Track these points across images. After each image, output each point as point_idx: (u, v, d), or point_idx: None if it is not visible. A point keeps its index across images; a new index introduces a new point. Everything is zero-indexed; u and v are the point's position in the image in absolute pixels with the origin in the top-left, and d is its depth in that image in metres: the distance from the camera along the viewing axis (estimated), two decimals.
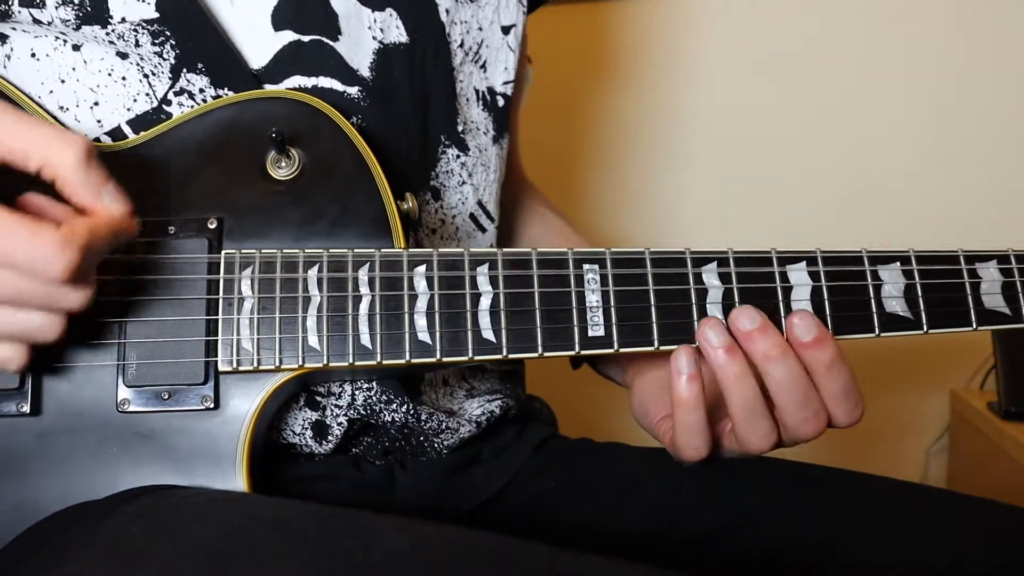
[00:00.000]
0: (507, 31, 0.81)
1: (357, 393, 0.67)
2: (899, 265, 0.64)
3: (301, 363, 0.59)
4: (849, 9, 1.62)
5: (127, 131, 0.65)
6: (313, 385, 0.66)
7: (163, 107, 0.65)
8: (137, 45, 0.65)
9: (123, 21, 0.64)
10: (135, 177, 0.62)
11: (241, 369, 0.59)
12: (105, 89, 0.65)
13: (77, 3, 0.63)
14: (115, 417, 0.58)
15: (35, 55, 0.65)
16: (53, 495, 0.57)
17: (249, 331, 0.59)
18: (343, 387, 0.67)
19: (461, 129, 0.77)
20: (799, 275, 0.63)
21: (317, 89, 0.68)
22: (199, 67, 0.65)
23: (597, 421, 1.64)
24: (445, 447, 0.72)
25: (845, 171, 1.64)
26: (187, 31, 0.65)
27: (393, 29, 0.72)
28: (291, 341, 0.59)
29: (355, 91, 0.69)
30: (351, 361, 0.59)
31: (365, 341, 0.59)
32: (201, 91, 0.66)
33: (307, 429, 0.67)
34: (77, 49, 0.65)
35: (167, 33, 0.65)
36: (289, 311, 0.59)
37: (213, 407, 0.59)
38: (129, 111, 0.65)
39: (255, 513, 0.50)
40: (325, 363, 0.59)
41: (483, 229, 0.80)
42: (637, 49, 1.66)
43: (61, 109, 0.65)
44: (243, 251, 0.60)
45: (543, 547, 0.46)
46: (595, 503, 0.75)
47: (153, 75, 0.65)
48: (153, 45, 0.65)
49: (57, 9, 0.63)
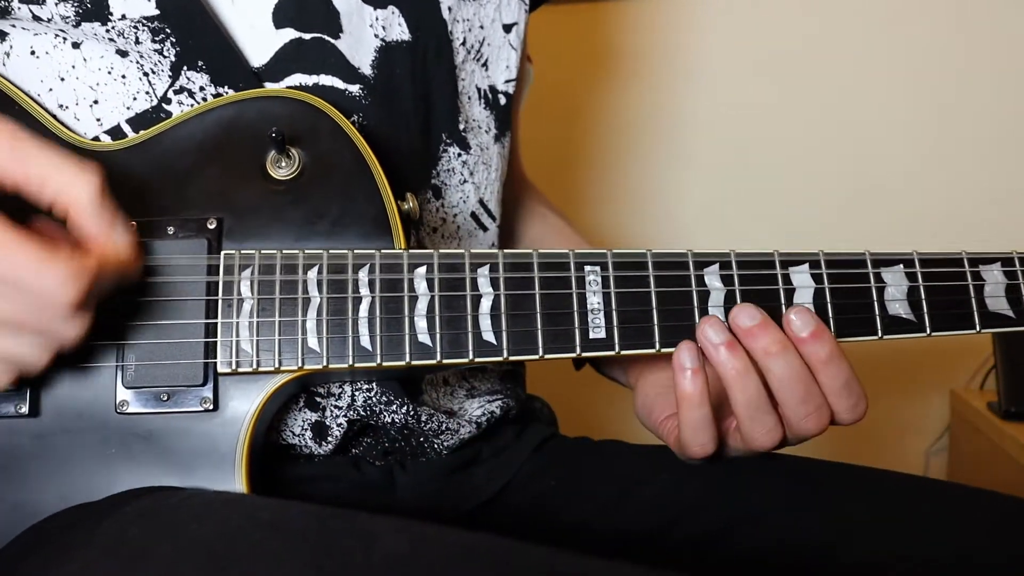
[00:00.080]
0: (509, 29, 0.81)
1: (357, 394, 0.67)
2: (902, 267, 0.64)
3: (300, 365, 0.59)
4: (849, 9, 1.62)
5: (127, 130, 0.65)
6: (313, 386, 0.66)
7: (163, 105, 0.65)
8: (137, 42, 0.64)
9: (123, 18, 0.63)
10: (134, 176, 0.62)
11: (240, 371, 0.59)
12: (105, 87, 0.65)
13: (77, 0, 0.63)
14: (114, 418, 0.58)
15: (35, 53, 0.65)
16: (52, 496, 0.57)
17: (248, 333, 0.59)
18: (343, 388, 0.67)
19: (463, 128, 0.76)
20: (802, 277, 0.63)
21: (318, 87, 0.68)
22: (199, 65, 0.65)
23: (597, 421, 1.64)
24: (445, 448, 0.72)
25: (846, 171, 1.64)
26: (187, 29, 0.65)
27: (395, 27, 0.72)
28: (290, 343, 0.59)
29: (356, 89, 0.69)
30: (351, 363, 0.59)
31: (365, 343, 0.59)
32: (201, 89, 0.65)
33: (307, 430, 0.66)
34: (77, 47, 0.65)
35: (167, 31, 0.64)
36: (289, 313, 0.59)
37: (212, 408, 0.59)
38: (129, 109, 0.65)
39: (254, 514, 0.49)
40: (325, 365, 0.59)
41: (484, 228, 0.79)
42: (638, 49, 1.66)
43: (60, 107, 0.65)
44: (242, 252, 0.60)
45: (543, 548, 0.46)
46: (595, 502, 0.74)
47: (153, 73, 0.65)
48: (153, 43, 0.64)
49: (57, 6, 0.63)
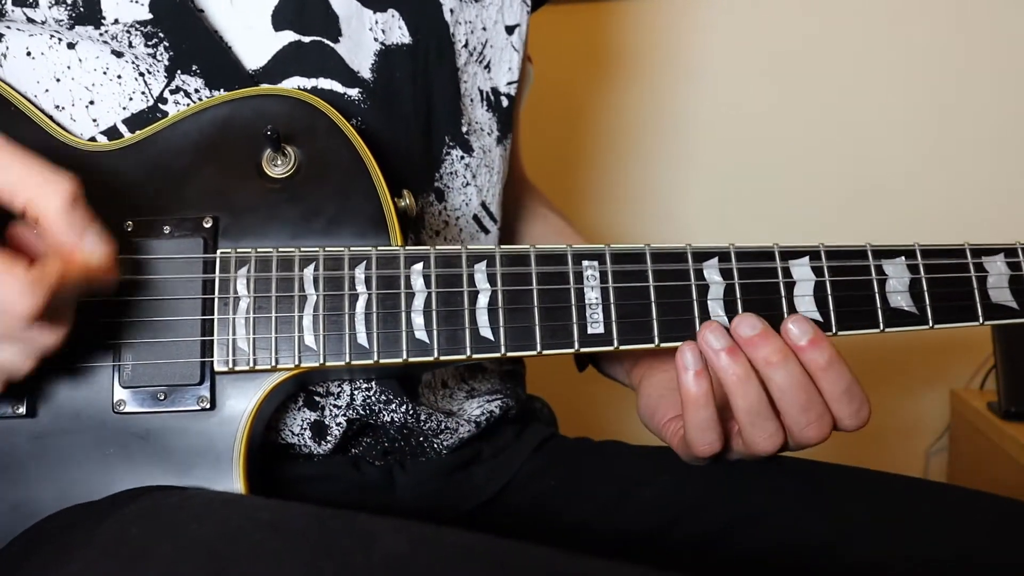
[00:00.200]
0: (511, 31, 0.81)
1: (356, 393, 0.67)
2: (904, 259, 0.64)
3: (297, 363, 0.58)
4: (849, 9, 1.62)
5: (123, 130, 0.65)
6: (311, 385, 0.66)
7: (159, 105, 0.65)
8: (130, 46, 0.64)
9: (116, 22, 0.63)
10: (130, 176, 0.62)
11: (237, 369, 0.58)
12: (101, 88, 0.65)
13: (70, 3, 0.63)
14: (111, 418, 0.58)
15: (30, 53, 0.64)
16: (51, 496, 0.57)
17: (245, 331, 0.59)
18: (342, 387, 0.67)
19: (465, 130, 0.76)
20: (802, 270, 0.63)
21: (317, 91, 0.68)
22: (193, 69, 0.65)
23: (597, 421, 1.64)
24: (444, 447, 0.72)
25: (846, 171, 1.64)
26: (180, 33, 0.64)
27: (395, 30, 0.72)
28: (287, 340, 0.59)
29: (355, 93, 0.69)
30: (348, 360, 0.58)
31: (362, 340, 0.59)
32: (196, 91, 0.65)
33: (306, 429, 0.66)
34: (72, 47, 0.64)
35: (160, 35, 0.64)
36: (285, 310, 0.59)
37: (209, 407, 0.58)
38: (125, 110, 0.65)
39: (254, 514, 0.49)
40: (322, 362, 0.58)
41: (486, 230, 0.79)
42: (639, 49, 1.66)
43: (57, 108, 0.65)
44: (239, 250, 0.60)
45: (543, 548, 0.46)
46: (595, 503, 0.74)
47: (149, 73, 0.65)
48: (146, 47, 0.64)
49: (50, 9, 0.63)
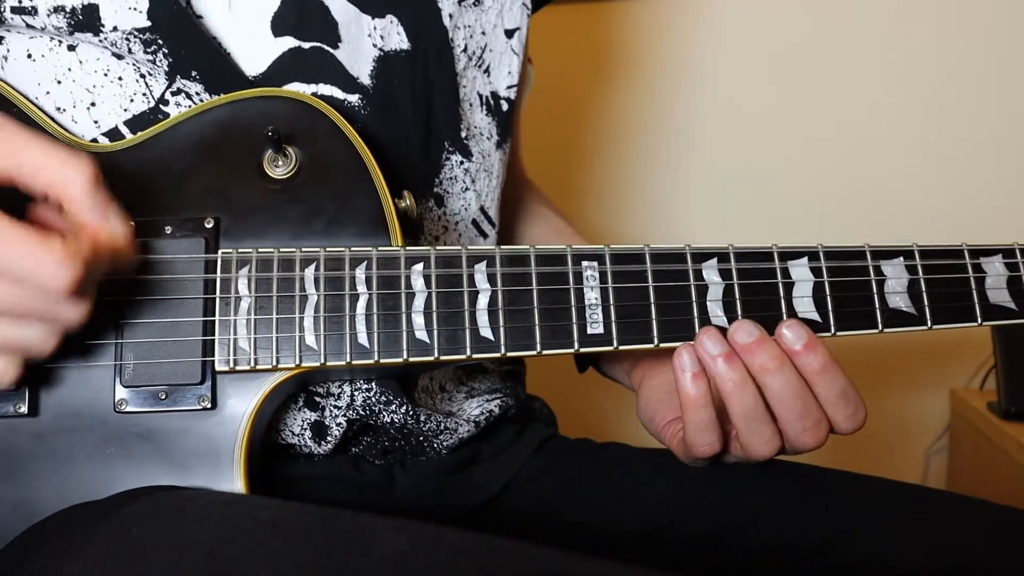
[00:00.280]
0: (511, 34, 0.81)
1: (356, 394, 0.67)
2: (902, 260, 0.64)
3: (298, 362, 0.59)
4: (850, 9, 1.62)
5: (125, 131, 0.65)
6: (312, 385, 0.66)
7: (160, 107, 0.65)
8: (130, 52, 0.64)
9: (115, 29, 0.63)
10: (132, 177, 0.62)
11: (238, 369, 0.59)
12: (102, 89, 0.65)
13: (68, 11, 0.62)
14: (113, 417, 0.58)
15: (31, 56, 0.65)
16: (52, 496, 0.57)
17: (246, 331, 0.59)
18: (342, 388, 0.67)
19: (464, 135, 0.76)
20: (801, 271, 0.63)
21: (316, 96, 0.68)
22: (193, 75, 0.65)
23: (597, 422, 1.64)
24: (444, 447, 0.72)
25: (846, 171, 1.64)
26: (179, 39, 0.64)
27: (394, 36, 0.72)
28: (288, 340, 0.59)
29: (355, 99, 0.69)
30: (348, 360, 0.59)
31: (363, 340, 0.59)
32: (197, 94, 0.65)
33: (306, 430, 0.66)
34: (72, 50, 0.64)
35: (159, 42, 0.64)
36: (286, 310, 0.59)
37: (210, 407, 0.59)
38: (126, 111, 0.65)
39: (255, 514, 0.49)
40: (322, 362, 0.59)
41: (484, 235, 0.79)
42: (639, 49, 1.66)
43: (58, 110, 0.65)
44: (240, 250, 0.60)
45: (543, 549, 0.46)
46: (595, 503, 0.74)
47: (150, 75, 0.65)
48: (145, 53, 0.64)
49: (49, 16, 0.62)
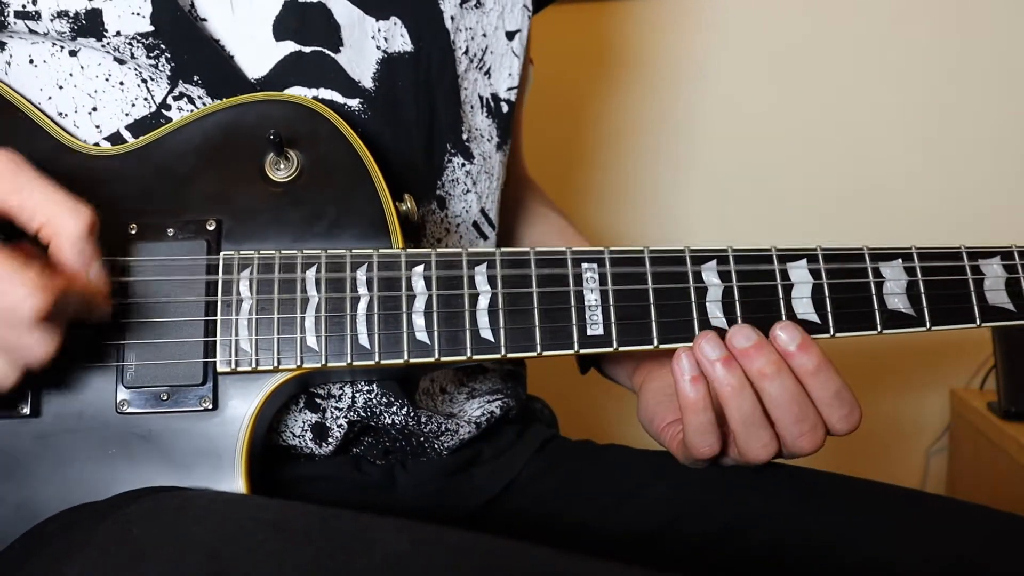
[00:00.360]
0: (511, 36, 0.81)
1: (357, 395, 0.67)
2: (901, 262, 0.64)
3: (299, 363, 0.59)
4: (850, 9, 1.62)
5: (127, 136, 0.65)
6: (313, 387, 0.66)
7: (162, 111, 0.65)
8: (132, 57, 0.64)
9: (118, 34, 0.63)
10: (134, 180, 0.62)
11: (239, 370, 0.59)
12: (103, 94, 0.65)
13: (72, 16, 0.63)
14: (114, 418, 0.58)
15: (33, 61, 0.65)
16: (53, 496, 0.57)
17: (247, 332, 0.59)
18: (343, 389, 0.67)
19: (466, 137, 0.76)
20: (800, 272, 0.63)
21: (317, 101, 0.68)
22: (195, 79, 0.65)
23: (598, 423, 1.64)
24: (445, 448, 0.72)
25: (846, 171, 1.64)
26: (182, 44, 0.64)
27: (397, 38, 0.72)
28: (289, 342, 0.59)
29: (356, 103, 0.69)
30: (349, 361, 0.59)
31: (363, 341, 0.59)
32: (199, 98, 0.66)
33: (307, 431, 0.66)
34: (74, 55, 0.65)
35: (162, 46, 0.64)
36: (287, 312, 0.59)
37: (212, 408, 0.59)
38: (128, 116, 0.65)
39: (256, 514, 0.50)
40: (323, 363, 0.59)
41: (485, 237, 0.80)
42: (639, 48, 1.66)
43: (60, 115, 0.65)
44: (241, 252, 0.60)
45: (544, 549, 0.46)
46: (596, 504, 0.74)
47: (152, 80, 0.65)
48: (148, 58, 0.64)
49: (52, 22, 0.63)
